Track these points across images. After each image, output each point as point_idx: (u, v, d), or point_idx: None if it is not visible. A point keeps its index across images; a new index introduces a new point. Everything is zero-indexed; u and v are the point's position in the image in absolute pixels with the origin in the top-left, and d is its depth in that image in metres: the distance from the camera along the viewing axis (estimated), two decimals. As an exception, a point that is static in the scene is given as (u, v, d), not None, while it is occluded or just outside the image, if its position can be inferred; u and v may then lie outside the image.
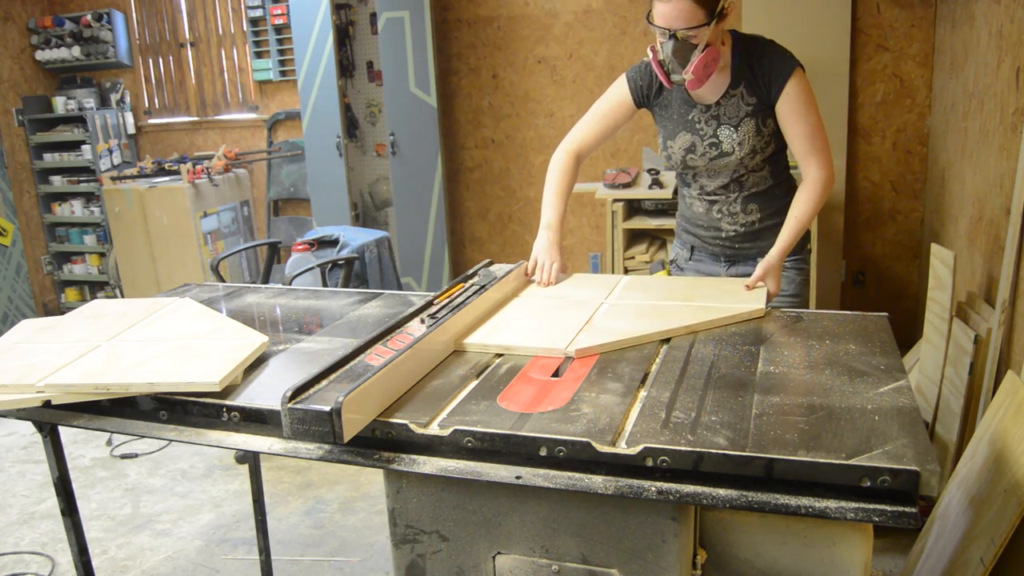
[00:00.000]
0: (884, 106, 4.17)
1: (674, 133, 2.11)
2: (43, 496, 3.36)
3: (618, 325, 1.68)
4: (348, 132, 4.93)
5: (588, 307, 1.82)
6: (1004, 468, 1.93)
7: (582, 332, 1.64)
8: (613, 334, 1.62)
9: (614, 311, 1.80)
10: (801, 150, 1.99)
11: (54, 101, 5.56)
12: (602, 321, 1.72)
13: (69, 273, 5.79)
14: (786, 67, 1.95)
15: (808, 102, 1.96)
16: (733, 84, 2.01)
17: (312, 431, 1.28)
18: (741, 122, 2.02)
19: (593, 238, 4.91)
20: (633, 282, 2.04)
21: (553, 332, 1.66)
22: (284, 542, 2.92)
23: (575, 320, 1.73)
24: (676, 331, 1.66)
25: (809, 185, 1.98)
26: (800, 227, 1.98)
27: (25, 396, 1.50)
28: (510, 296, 1.97)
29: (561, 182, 2.15)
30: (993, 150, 2.77)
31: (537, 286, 2.05)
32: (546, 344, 1.59)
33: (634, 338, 1.61)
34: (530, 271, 2.10)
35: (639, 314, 1.76)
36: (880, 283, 4.40)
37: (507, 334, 1.68)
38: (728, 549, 1.28)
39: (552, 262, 2.06)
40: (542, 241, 2.11)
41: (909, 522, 1.06)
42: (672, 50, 1.87)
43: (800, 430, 1.20)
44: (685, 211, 2.31)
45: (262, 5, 5.09)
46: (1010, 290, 2.44)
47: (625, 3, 4.49)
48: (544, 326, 1.72)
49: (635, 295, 1.92)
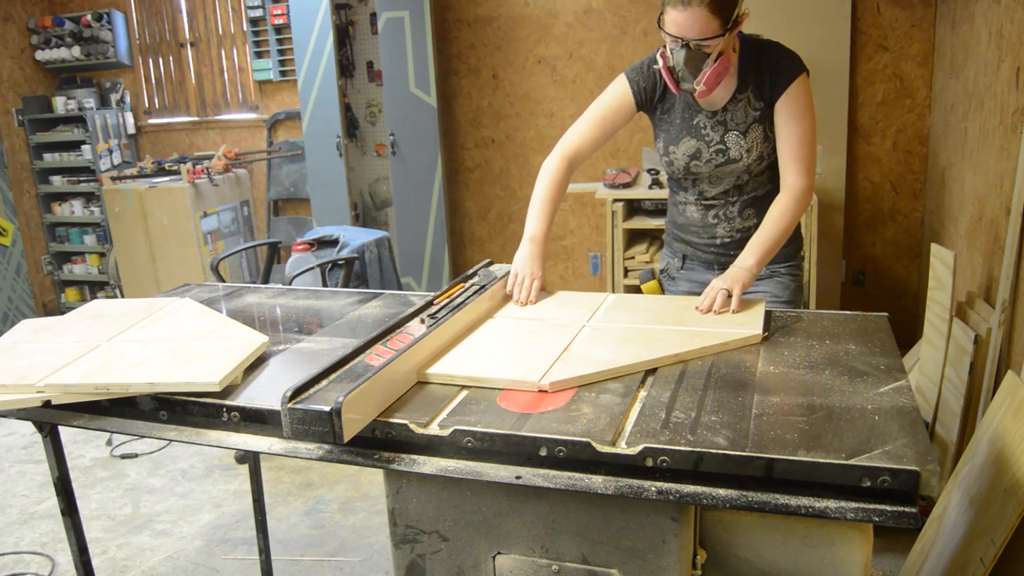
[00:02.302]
0: (884, 106, 4.17)
1: (677, 138, 2.02)
2: (43, 496, 3.36)
3: (599, 353, 1.54)
4: (348, 132, 4.93)
5: (568, 331, 1.68)
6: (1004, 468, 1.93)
7: (559, 361, 1.50)
8: (592, 364, 1.48)
9: (596, 336, 1.65)
10: (786, 154, 1.90)
11: (54, 101, 5.56)
12: (582, 348, 1.58)
13: (69, 273, 5.79)
14: (792, 69, 1.89)
15: (807, 108, 1.89)
16: (740, 88, 1.94)
17: (312, 431, 1.28)
18: (749, 128, 1.95)
19: (593, 238, 4.91)
20: (619, 302, 1.89)
21: (526, 361, 1.51)
22: (284, 542, 2.92)
23: (552, 346, 1.58)
24: (663, 360, 1.52)
25: (785, 195, 1.89)
26: (773, 240, 1.85)
27: (25, 396, 1.50)
28: (484, 316, 1.82)
29: (550, 191, 2.01)
30: (993, 150, 2.77)
31: (514, 304, 1.91)
32: (517, 375, 1.44)
33: (615, 369, 1.47)
34: (508, 287, 1.94)
35: (623, 340, 1.61)
36: (880, 283, 4.40)
37: (475, 362, 1.53)
38: (728, 549, 1.28)
39: (532, 278, 1.92)
40: (523, 254, 1.96)
41: (909, 522, 1.06)
42: (684, 59, 1.79)
43: (800, 430, 1.20)
44: (677, 218, 2.22)
45: (262, 5, 5.09)
46: (1010, 290, 2.44)
47: (625, 3, 4.49)
48: (517, 353, 1.57)
49: (620, 317, 1.77)
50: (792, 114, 1.89)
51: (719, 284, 1.77)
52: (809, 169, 1.89)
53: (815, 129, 1.91)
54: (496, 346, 1.63)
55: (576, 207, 4.87)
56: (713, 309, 1.74)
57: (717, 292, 1.76)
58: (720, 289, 1.76)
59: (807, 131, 1.89)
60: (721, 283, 1.78)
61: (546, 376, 1.43)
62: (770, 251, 1.85)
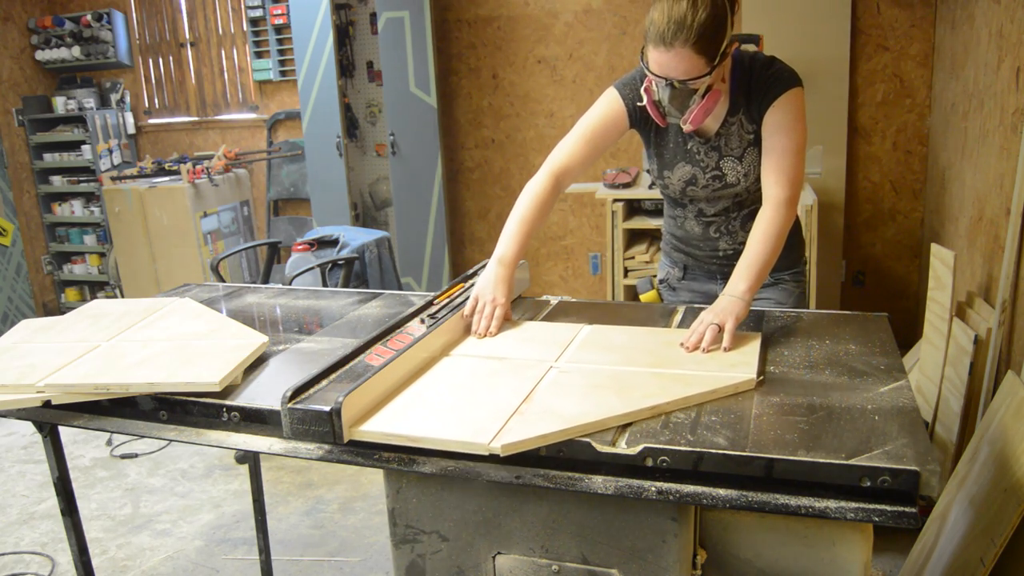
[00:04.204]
0: (884, 106, 4.17)
1: (672, 163, 1.91)
2: (43, 496, 3.36)
3: (564, 404, 1.31)
4: (348, 132, 4.93)
5: (531, 373, 1.45)
6: (1004, 468, 1.93)
7: (516, 415, 1.28)
8: (554, 420, 1.26)
9: (563, 381, 1.42)
10: (767, 165, 1.75)
11: (54, 101, 5.56)
12: (545, 397, 1.35)
13: (69, 273, 5.79)
14: (781, 83, 1.75)
15: (795, 121, 1.74)
16: (731, 111, 1.82)
17: (312, 431, 1.28)
18: (745, 152, 1.84)
19: (593, 238, 4.91)
20: (593, 336, 1.65)
21: (478, 414, 1.30)
22: (284, 542, 2.92)
23: (511, 395, 1.36)
24: (638, 414, 1.29)
25: (766, 209, 1.71)
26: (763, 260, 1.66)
27: (25, 396, 1.50)
28: (438, 354, 1.58)
29: (529, 211, 1.81)
30: (993, 150, 2.77)
31: (473, 336, 1.69)
32: (465, 434, 1.23)
33: (581, 427, 1.23)
34: (467, 314, 1.72)
35: (594, 386, 1.38)
36: (880, 283, 4.40)
37: (416, 417, 1.31)
38: (728, 549, 1.28)
39: (496, 306, 1.70)
40: (488, 277, 1.75)
41: (909, 522, 1.06)
42: (669, 97, 1.68)
43: (800, 430, 1.20)
44: (676, 230, 2.09)
45: (262, 5, 5.09)
46: (1010, 290, 2.44)
47: (625, 3, 4.49)
48: (468, 404, 1.34)
49: (593, 355, 1.54)
50: (779, 125, 1.74)
51: (708, 318, 1.57)
52: (790, 181, 1.72)
53: (803, 144, 1.75)
54: (445, 394, 1.40)
55: (576, 207, 4.88)
56: (701, 347, 1.52)
57: (707, 327, 1.54)
58: (710, 324, 1.55)
59: (793, 143, 1.73)
60: (711, 316, 1.57)
61: (499, 436, 1.21)
62: (761, 272, 1.65)
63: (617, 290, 4.03)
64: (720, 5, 1.59)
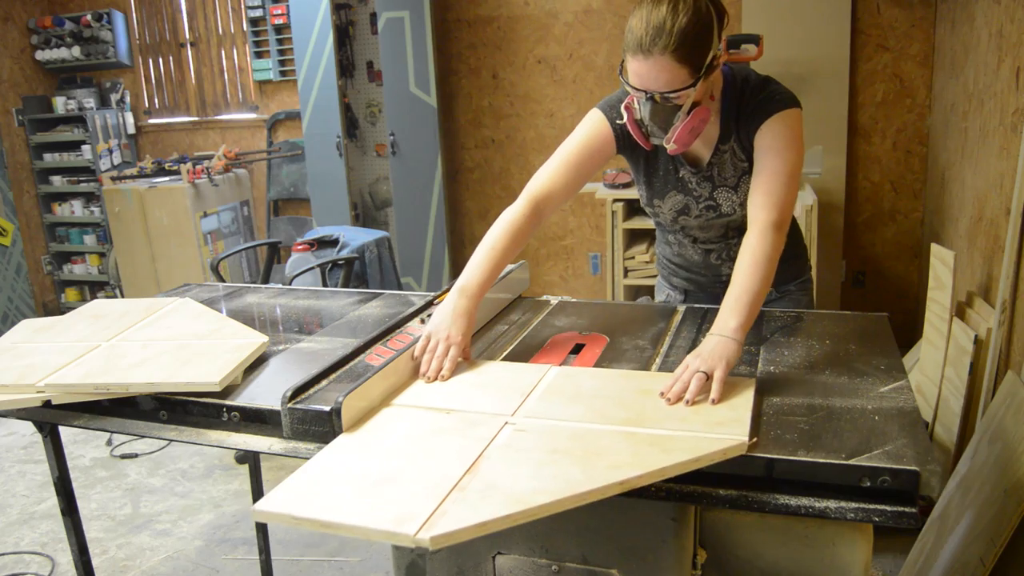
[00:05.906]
0: (884, 106, 4.17)
1: (662, 192, 1.79)
2: (43, 496, 3.36)
3: (514, 478, 1.08)
4: (348, 132, 4.93)
5: (482, 431, 1.22)
6: (1004, 468, 1.93)
7: (456, 491, 1.05)
8: (500, 501, 1.02)
9: (517, 444, 1.18)
10: (758, 187, 1.57)
11: (54, 101, 5.56)
12: (492, 467, 1.12)
13: (69, 273, 5.79)
14: (773, 105, 1.61)
15: (789, 142, 1.59)
16: (723, 138, 1.69)
17: (312, 431, 1.28)
18: (740, 181, 1.72)
19: (593, 238, 4.91)
20: (559, 380, 1.41)
21: (408, 492, 1.06)
22: (284, 542, 2.92)
23: (453, 462, 1.13)
24: (603, 491, 1.06)
25: (752, 234, 1.53)
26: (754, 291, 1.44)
27: (25, 396, 1.50)
28: (377, 403, 1.35)
29: (502, 239, 1.62)
30: (993, 150, 2.77)
31: (422, 380, 1.46)
32: (387, 522, 0.99)
33: (530, 510, 1.01)
34: (416, 354, 1.49)
35: (551, 451, 1.15)
36: (880, 283, 4.40)
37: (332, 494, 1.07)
38: (728, 549, 1.28)
39: (450, 344, 1.48)
40: (445, 309, 1.53)
41: (909, 522, 1.06)
42: (650, 113, 1.53)
43: (800, 430, 1.20)
44: (673, 256, 1.97)
45: (262, 5, 5.09)
46: (1010, 290, 2.44)
47: (625, 3, 4.49)
48: (399, 477, 1.10)
49: (556, 408, 1.30)
50: (769, 147, 1.59)
51: (695, 364, 1.33)
52: (778, 204, 1.54)
53: (796, 168, 1.59)
54: (374, 460, 1.15)
55: (576, 207, 4.87)
56: (685, 398, 1.29)
57: (692, 374, 1.31)
58: (696, 371, 1.31)
59: (784, 164, 1.57)
60: (697, 362, 1.33)
61: (429, 524, 0.98)
62: (753, 304, 1.43)
63: (617, 290, 4.04)
64: (704, 12, 1.48)
